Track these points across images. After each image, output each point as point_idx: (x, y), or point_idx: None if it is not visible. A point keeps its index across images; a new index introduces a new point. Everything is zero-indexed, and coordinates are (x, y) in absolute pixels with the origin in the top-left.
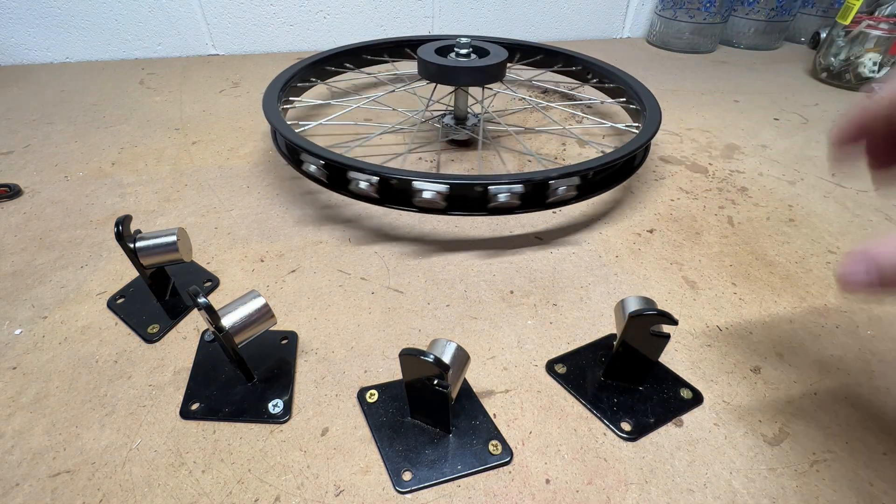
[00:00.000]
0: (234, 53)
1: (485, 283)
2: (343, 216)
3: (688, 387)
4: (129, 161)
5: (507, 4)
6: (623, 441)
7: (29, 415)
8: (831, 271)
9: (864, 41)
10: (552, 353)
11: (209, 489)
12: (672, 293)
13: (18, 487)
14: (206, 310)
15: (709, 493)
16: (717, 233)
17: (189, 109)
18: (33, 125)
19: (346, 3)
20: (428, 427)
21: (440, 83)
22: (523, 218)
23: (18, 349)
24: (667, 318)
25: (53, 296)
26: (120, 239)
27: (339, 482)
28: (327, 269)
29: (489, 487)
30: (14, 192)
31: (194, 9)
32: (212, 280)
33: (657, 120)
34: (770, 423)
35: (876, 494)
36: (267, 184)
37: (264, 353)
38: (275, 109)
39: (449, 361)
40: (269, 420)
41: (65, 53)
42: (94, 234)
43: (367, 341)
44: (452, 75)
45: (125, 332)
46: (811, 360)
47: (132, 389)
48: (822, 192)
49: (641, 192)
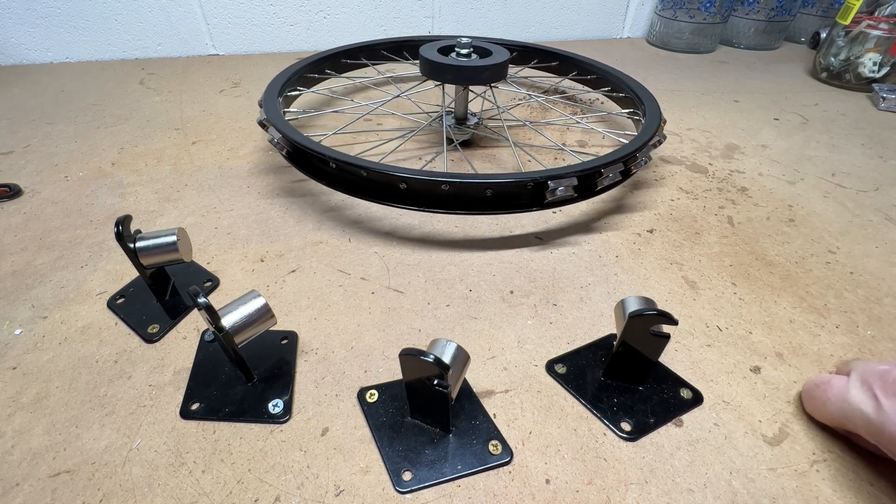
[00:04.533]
0: (234, 53)
1: (485, 283)
2: (343, 216)
3: (688, 387)
4: (129, 161)
5: (507, 4)
6: (623, 441)
7: (29, 415)
8: (831, 271)
9: (864, 41)
10: (552, 353)
11: (209, 489)
12: (672, 293)
13: (18, 487)
14: (206, 310)
15: (709, 493)
16: (717, 233)
17: (189, 109)
18: (33, 125)
19: (346, 3)
20: (428, 427)
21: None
22: (523, 218)
23: (18, 349)
24: (667, 318)
25: (53, 296)
26: (120, 239)
27: (339, 482)
28: (327, 269)
29: (489, 487)
30: (14, 192)
31: (194, 9)
32: (212, 280)
33: (656, 122)
34: (770, 423)
35: (876, 494)
36: (267, 184)
37: (264, 353)
38: (274, 107)
39: (449, 361)
40: (269, 420)
41: (65, 53)
42: (94, 234)
43: (367, 341)
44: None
45: (125, 332)
46: (811, 360)
47: (132, 389)
48: (822, 192)
49: (641, 192)
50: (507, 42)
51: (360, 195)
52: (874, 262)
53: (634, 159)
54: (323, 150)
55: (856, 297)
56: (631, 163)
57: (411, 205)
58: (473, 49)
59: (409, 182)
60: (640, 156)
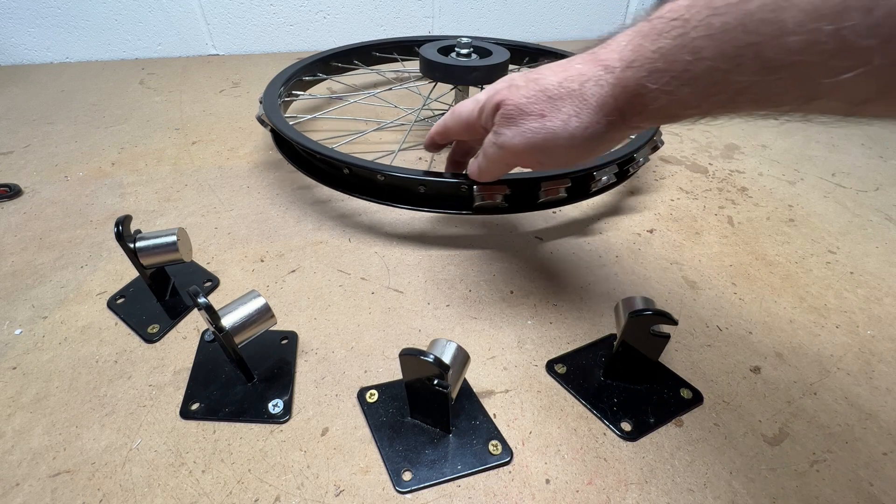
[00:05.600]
0: (234, 53)
1: (485, 283)
2: (343, 216)
3: (688, 387)
4: (129, 161)
5: (507, 4)
6: (623, 441)
7: (29, 415)
8: (832, 271)
9: None
10: (552, 353)
11: (209, 489)
12: (672, 293)
13: (18, 487)
14: (206, 310)
15: (709, 493)
16: (717, 233)
17: (189, 109)
18: (33, 125)
19: (346, 3)
20: (428, 427)
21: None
22: (523, 218)
23: (18, 349)
24: (667, 318)
25: (53, 296)
26: (120, 239)
27: (339, 482)
28: (327, 269)
29: (489, 487)
30: (14, 192)
31: (194, 9)
32: (212, 280)
33: None
34: (770, 423)
35: (876, 494)
36: (267, 184)
37: (264, 353)
38: (274, 105)
39: (449, 361)
40: (269, 420)
41: (65, 53)
42: (94, 234)
43: (367, 341)
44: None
45: (125, 332)
46: (811, 360)
47: (132, 389)
48: (822, 192)
49: (641, 192)
50: (507, 42)
51: (373, 198)
52: (874, 262)
53: (632, 160)
54: (340, 156)
55: (856, 297)
56: (628, 164)
57: (425, 207)
58: (474, 49)
59: (427, 185)
60: (637, 156)
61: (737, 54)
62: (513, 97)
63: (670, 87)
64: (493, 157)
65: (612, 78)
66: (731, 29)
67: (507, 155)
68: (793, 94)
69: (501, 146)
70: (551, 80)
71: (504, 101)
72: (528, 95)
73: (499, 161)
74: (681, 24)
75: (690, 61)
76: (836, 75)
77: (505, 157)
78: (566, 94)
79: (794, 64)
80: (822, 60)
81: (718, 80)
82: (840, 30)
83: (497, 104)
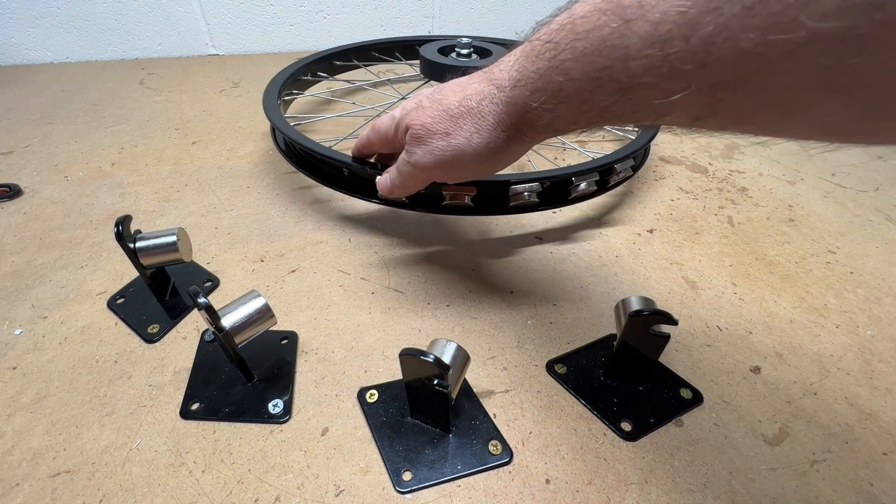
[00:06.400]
0: (234, 53)
1: (485, 283)
2: (343, 216)
3: (688, 387)
4: (129, 161)
5: (507, 4)
6: (623, 441)
7: (29, 415)
8: (831, 271)
9: None
10: (552, 353)
11: (209, 489)
12: (672, 293)
13: (18, 487)
14: (206, 310)
15: (709, 493)
16: (717, 233)
17: (189, 109)
18: (33, 125)
19: (346, 3)
20: (428, 427)
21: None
22: (523, 218)
23: (18, 349)
24: (667, 318)
25: (53, 296)
26: (120, 239)
27: (339, 482)
28: (327, 269)
29: (489, 487)
30: (14, 192)
31: (194, 9)
32: (212, 280)
33: None
34: (770, 423)
35: (876, 494)
36: (267, 184)
37: (264, 353)
38: (274, 105)
39: (449, 361)
40: (269, 420)
41: (65, 53)
42: (94, 234)
43: (367, 341)
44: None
45: (125, 332)
46: (811, 360)
47: (132, 389)
48: (822, 192)
49: (641, 192)
50: (507, 42)
51: (372, 198)
52: (874, 262)
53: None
54: (340, 156)
55: (856, 297)
56: (608, 175)
57: (424, 207)
58: (474, 49)
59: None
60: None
61: (597, 76)
62: (419, 118)
63: (550, 106)
64: (407, 174)
65: (504, 96)
66: (590, 53)
67: (419, 172)
68: (646, 112)
69: (414, 164)
70: (452, 100)
71: (411, 123)
72: (433, 116)
73: (412, 178)
74: (552, 46)
75: (562, 81)
76: (670, 96)
77: (417, 174)
78: (466, 112)
79: (640, 86)
80: (657, 83)
81: (587, 99)
82: (668, 56)
83: (406, 126)
